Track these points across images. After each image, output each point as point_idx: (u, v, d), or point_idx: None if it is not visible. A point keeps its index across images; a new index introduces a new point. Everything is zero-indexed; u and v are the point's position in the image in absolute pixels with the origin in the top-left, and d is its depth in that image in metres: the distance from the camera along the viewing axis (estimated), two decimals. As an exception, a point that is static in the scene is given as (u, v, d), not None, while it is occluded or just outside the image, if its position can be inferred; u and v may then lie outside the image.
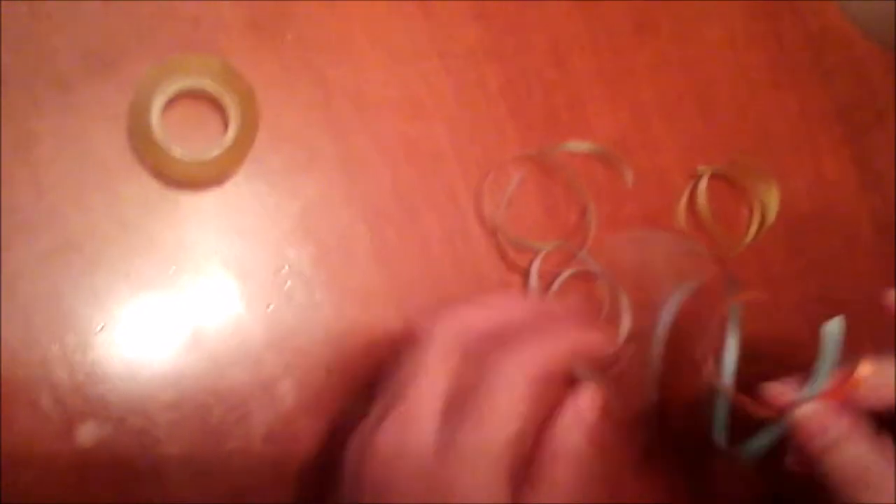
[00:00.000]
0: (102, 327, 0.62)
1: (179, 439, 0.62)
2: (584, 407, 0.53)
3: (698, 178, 0.74)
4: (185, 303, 0.63)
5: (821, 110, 0.79)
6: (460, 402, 0.49)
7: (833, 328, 0.60)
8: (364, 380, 0.66)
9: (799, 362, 0.62)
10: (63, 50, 0.63)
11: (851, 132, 0.80)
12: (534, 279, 0.69)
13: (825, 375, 0.59)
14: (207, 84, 0.63)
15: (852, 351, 0.60)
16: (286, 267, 0.65)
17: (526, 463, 0.50)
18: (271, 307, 0.65)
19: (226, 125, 0.63)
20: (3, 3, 0.62)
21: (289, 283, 0.65)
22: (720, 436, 0.63)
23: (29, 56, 0.62)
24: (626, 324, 0.71)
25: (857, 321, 0.76)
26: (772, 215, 0.75)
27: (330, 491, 0.56)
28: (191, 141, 0.63)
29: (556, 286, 0.70)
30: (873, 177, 0.80)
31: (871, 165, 0.80)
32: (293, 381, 0.65)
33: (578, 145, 0.72)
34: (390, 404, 0.51)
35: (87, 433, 0.61)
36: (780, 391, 0.60)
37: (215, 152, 0.63)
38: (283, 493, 0.64)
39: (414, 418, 0.50)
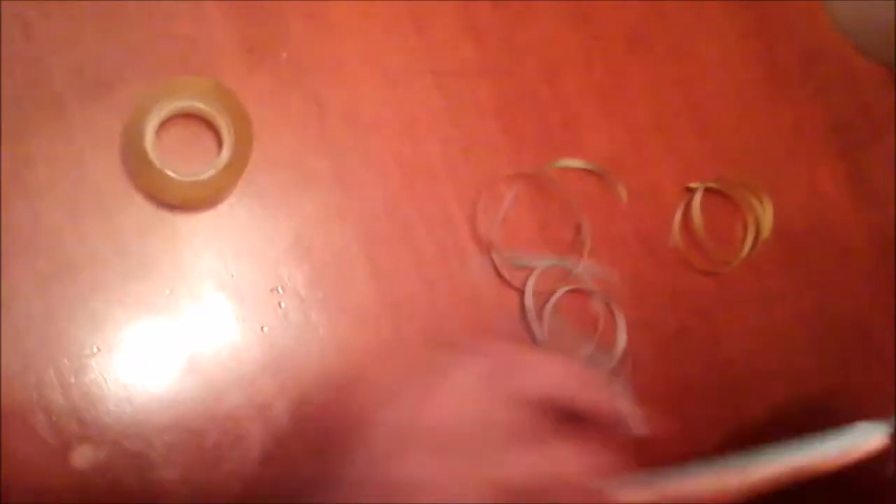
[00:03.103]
0: (97, 350, 0.60)
1: (175, 462, 0.60)
2: None
3: (692, 194, 0.72)
4: (180, 326, 0.62)
5: (815, 126, 0.77)
6: None
7: None
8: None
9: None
10: (57, 72, 0.61)
11: (846, 147, 0.77)
12: (529, 297, 0.67)
13: None
14: (201, 105, 0.61)
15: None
16: (281, 288, 0.63)
17: None
18: (266, 328, 0.63)
19: (220, 146, 0.62)
20: (-2, 26, 0.60)
21: (283, 303, 0.63)
22: None
23: (23, 78, 0.61)
24: (621, 341, 0.69)
25: (853, 336, 0.75)
26: (766, 231, 0.73)
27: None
28: (185, 162, 0.61)
29: (551, 304, 0.68)
30: (868, 192, 0.77)
31: (867, 180, 0.77)
32: (288, 402, 0.63)
33: (572, 162, 0.70)
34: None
35: (82, 456, 0.59)
36: None
37: (210, 173, 0.61)
38: (279, 514, 0.62)
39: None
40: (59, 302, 0.60)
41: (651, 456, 0.67)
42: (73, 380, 0.59)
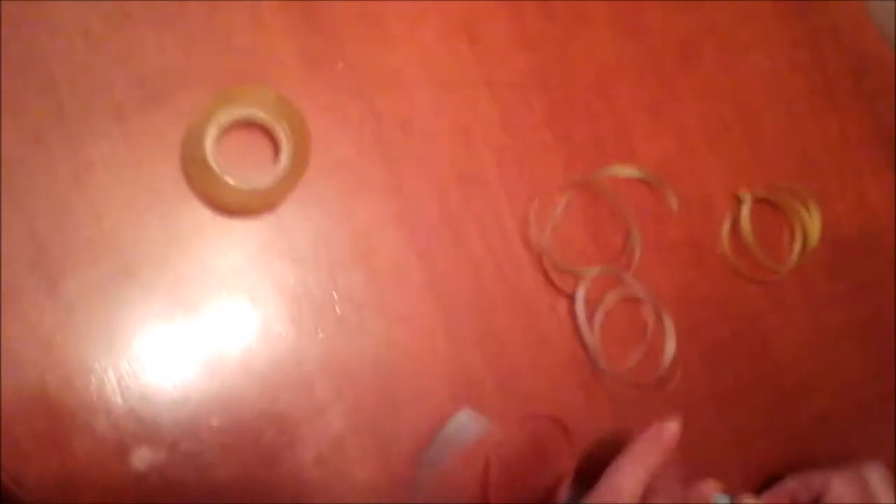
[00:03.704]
0: (156, 353, 0.60)
1: (232, 463, 0.60)
2: None
3: (741, 202, 0.72)
4: (237, 328, 0.62)
5: (862, 135, 0.77)
6: None
7: None
8: (413, 404, 0.64)
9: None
10: (119, 82, 0.62)
11: (893, 155, 0.77)
12: (580, 304, 0.67)
13: None
14: (260, 114, 0.62)
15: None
16: (336, 293, 0.64)
17: None
18: (321, 332, 0.63)
19: (278, 154, 0.62)
20: (61, 40, 0.61)
21: (339, 308, 0.63)
22: None
23: (86, 88, 0.61)
24: (670, 347, 0.69)
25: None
26: (814, 239, 0.73)
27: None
28: (243, 169, 0.61)
29: (601, 311, 0.68)
30: (916, 200, 0.77)
31: (915, 190, 0.77)
32: (343, 405, 0.63)
33: (623, 170, 0.70)
34: None
35: (141, 458, 0.59)
36: None
37: (268, 181, 0.61)
38: (333, 515, 0.62)
39: None
40: (120, 304, 0.60)
41: (700, 464, 0.67)
42: (131, 382, 0.59)
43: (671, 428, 0.62)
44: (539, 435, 0.66)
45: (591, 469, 0.62)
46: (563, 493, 0.64)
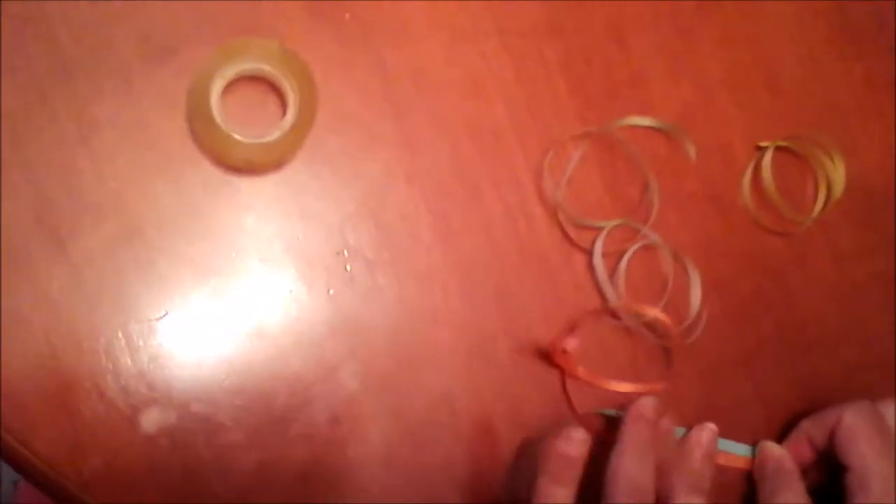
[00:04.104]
0: (165, 314, 0.59)
1: (244, 425, 0.59)
2: None
3: (763, 152, 0.70)
4: (247, 288, 0.60)
5: (888, 81, 0.74)
6: None
7: None
8: (427, 362, 0.62)
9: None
10: (123, 38, 0.60)
11: (920, 102, 0.74)
12: (598, 258, 0.65)
13: None
14: (266, 67, 0.60)
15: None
16: (347, 250, 0.62)
17: None
18: (333, 291, 0.62)
19: (285, 108, 0.60)
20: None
21: (350, 266, 0.62)
22: None
23: (90, 45, 0.60)
24: (695, 298, 0.67)
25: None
26: (839, 190, 0.71)
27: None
28: (250, 125, 0.60)
29: (622, 265, 0.66)
30: (944, 149, 0.74)
31: (942, 137, 0.74)
32: (356, 364, 0.61)
33: (639, 120, 0.68)
34: None
35: (151, 420, 0.58)
36: None
37: (275, 135, 0.59)
38: (348, 476, 0.61)
39: None
40: (127, 266, 0.59)
41: (725, 420, 0.66)
42: (141, 343, 0.58)
43: (649, 402, 0.63)
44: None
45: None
46: None
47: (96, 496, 0.57)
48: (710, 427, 0.65)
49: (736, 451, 0.67)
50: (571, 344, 0.62)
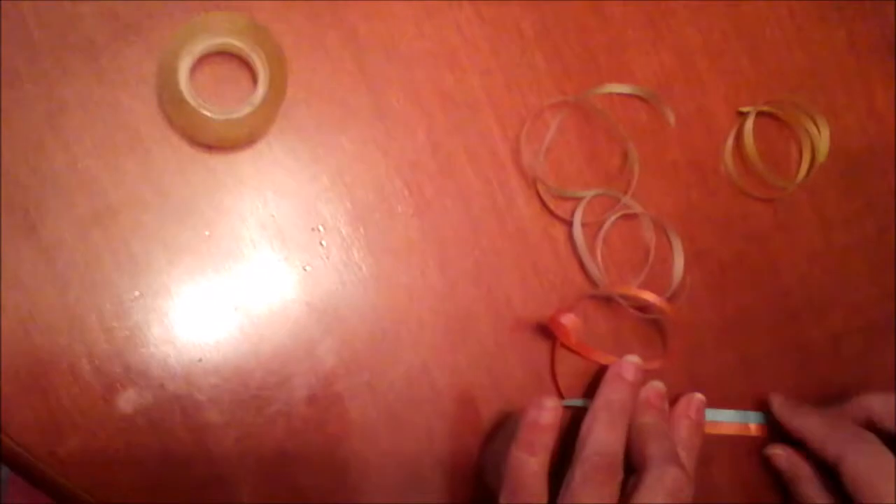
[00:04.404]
0: (139, 294, 0.58)
1: (221, 404, 0.59)
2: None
3: (745, 117, 0.69)
4: (221, 267, 0.60)
5: (871, 44, 0.73)
6: None
7: None
8: (405, 337, 0.62)
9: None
10: (89, 16, 0.59)
11: (905, 64, 0.73)
12: (577, 228, 0.64)
13: None
14: (235, 42, 0.59)
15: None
16: (322, 226, 0.61)
17: None
18: (309, 268, 0.61)
19: (255, 83, 0.59)
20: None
21: (325, 242, 0.61)
22: None
23: (57, 25, 0.59)
24: (678, 266, 0.66)
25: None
26: (822, 154, 0.69)
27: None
28: (221, 101, 0.59)
29: (601, 234, 0.65)
30: (928, 109, 0.73)
31: (926, 97, 0.73)
32: (333, 340, 0.61)
33: (617, 88, 0.66)
34: None
35: (127, 400, 0.58)
36: None
37: (245, 111, 0.59)
38: (327, 454, 0.60)
39: None
40: (100, 246, 0.58)
41: (709, 389, 0.65)
42: (115, 324, 0.58)
43: (631, 364, 0.63)
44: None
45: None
46: None
47: (74, 478, 0.57)
48: (698, 397, 0.64)
49: (723, 419, 0.66)
50: (569, 319, 0.61)
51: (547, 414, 0.59)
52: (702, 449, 0.63)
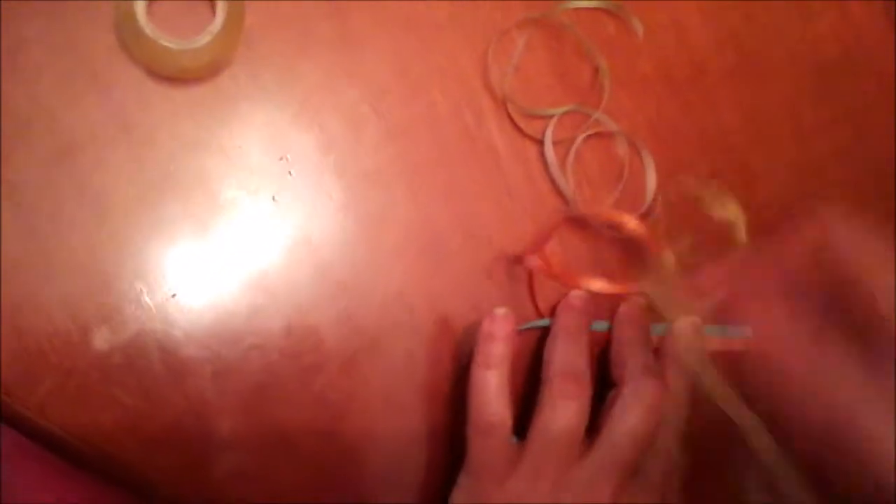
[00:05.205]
0: (108, 232, 0.57)
1: (196, 339, 0.58)
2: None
3: (717, 29, 0.67)
4: (188, 199, 0.58)
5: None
6: None
7: None
8: (379, 264, 0.61)
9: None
10: (45, -50, 0.58)
11: (877, -33, 0.71)
12: (548, 147, 0.63)
13: None
14: (190, -29, 0.57)
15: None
16: (290, 155, 0.60)
17: None
18: (277, 198, 0.60)
19: (214, 12, 0.58)
20: None
21: (294, 171, 0.60)
22: None
23: (12, -37, 0.57)
24: (651, 182, 0.65)
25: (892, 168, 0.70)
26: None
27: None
28: (182, 33, 0.57)
29: (573, 151, 0.64)
30: (903, 10, 0.71)
31: (900, -2, 0.71)
32: (307, 270, 0.60)
33: (584, 2, 0.65)
34: None
35: (103, 338, 0.57)
36: None
37: (205, 39, 0.57)
38: (304, 387, 0.59)
39: None
40: (65, 183, 0.57)
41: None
42: (86, 262, 0.57)
43: (577, 295, 0.63)
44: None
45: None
46: None
47: (52, 418, 0.56)
48: (693, 320, 0.63)
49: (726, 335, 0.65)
50: (533, 261, 0.61)
51: (499, 324, 0.58)
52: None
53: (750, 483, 0.61)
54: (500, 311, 0.59)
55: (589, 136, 0.64)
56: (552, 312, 0.63)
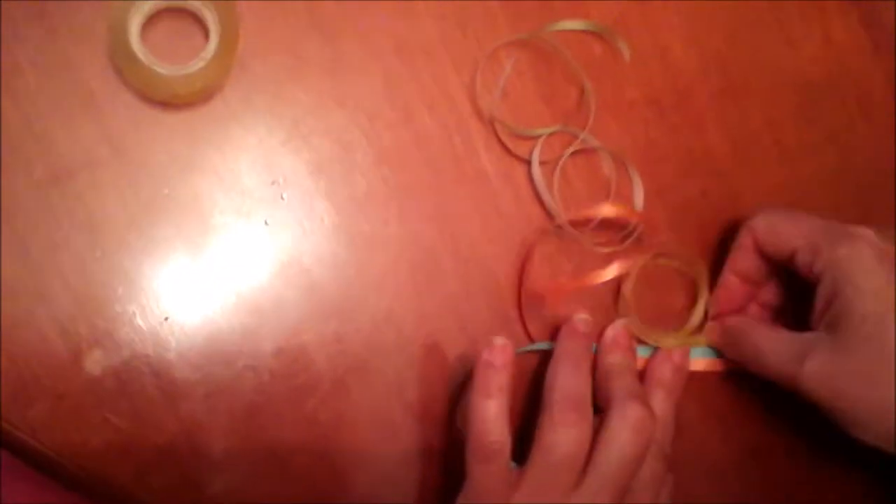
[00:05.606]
0: (101, 254, 0.58)
1: (189, 361, 0.58)
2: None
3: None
4: (181, 223, 0.59)
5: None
6: None
7: None
8: (370, 286, 0.61)
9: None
10: (37, -25, 0.58)
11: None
12: (535, 167, 0.64)
13: None
14: (182, -3, 0.58)
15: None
16: (282, 178, 0.61)
17: None
18: (269, 221, 0.60)
19: (207, 38, 0.58)
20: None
21: (286, 195, 0.60)
22: None
23: (5, -14, 0.58)
24: (639, 198, 0.66)
25: (875, 190, 0.71)
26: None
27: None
28: (175, 58, 0.58)
29: (559, 168, 0.64)
30: (885, 37, 0.72)
31: (882, 25, 0.72)
32: (297, 293, 0.60)
33: (571, 24, 0.65)
34: None
35: (95, 361, 0.57)
36: None
37: (198, 65, 0.58)
38: (296, 407, 0.60)
39: None
40: (59, 206, 0.57)
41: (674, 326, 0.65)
42: (79, 285, 0.57)
43: (581, 319, 0.63)
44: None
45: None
46: None
47: (45, 441, 0.57)
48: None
49: (694, 356, 0.66)
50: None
51: (498, 354, 0.58)
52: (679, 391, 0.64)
53: None
54: (499, 340, 0.59)
55: (576, 156, 0.65)
56: (552, 336, 0.64)
